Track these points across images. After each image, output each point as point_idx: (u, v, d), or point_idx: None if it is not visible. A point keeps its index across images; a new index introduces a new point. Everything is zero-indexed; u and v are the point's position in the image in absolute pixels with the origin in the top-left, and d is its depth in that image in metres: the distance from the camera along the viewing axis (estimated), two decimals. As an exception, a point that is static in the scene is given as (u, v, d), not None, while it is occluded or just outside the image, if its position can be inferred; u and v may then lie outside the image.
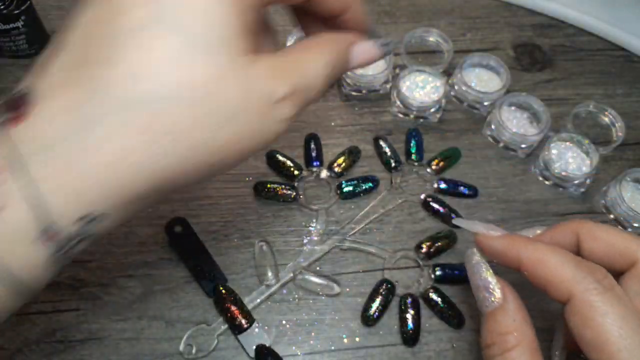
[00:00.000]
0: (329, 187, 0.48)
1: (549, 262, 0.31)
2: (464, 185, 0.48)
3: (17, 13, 0.49)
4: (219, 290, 0.41)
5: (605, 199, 0.48)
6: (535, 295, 0.34)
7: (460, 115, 0.52)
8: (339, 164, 0.48)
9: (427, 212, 0.47)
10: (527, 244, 0.33)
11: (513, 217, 0.47)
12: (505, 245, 0.33)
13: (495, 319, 0.32)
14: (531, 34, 0.59)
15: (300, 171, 0.48)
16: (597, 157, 0.48)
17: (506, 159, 0.50)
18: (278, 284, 0.43)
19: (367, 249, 0.45)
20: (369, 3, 0.60)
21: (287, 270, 0.43)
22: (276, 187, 0.46)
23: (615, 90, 0.55)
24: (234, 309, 0.40)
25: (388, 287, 0.42)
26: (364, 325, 0.42)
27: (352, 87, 0.52)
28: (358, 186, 0.47)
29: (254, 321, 0.41)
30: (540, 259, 0.31)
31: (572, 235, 0.34)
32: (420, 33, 0.56)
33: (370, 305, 0.42)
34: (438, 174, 0.49)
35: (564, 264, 0.30)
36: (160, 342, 0.40)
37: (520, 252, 0.32)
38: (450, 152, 0.50)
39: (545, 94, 0.54)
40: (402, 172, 0.49)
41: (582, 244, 0.34)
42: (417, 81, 0.52)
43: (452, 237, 0.45)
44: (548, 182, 0.49)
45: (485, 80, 0.53)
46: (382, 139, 0.50)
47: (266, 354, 0.39)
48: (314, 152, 0.48)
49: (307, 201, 0.47)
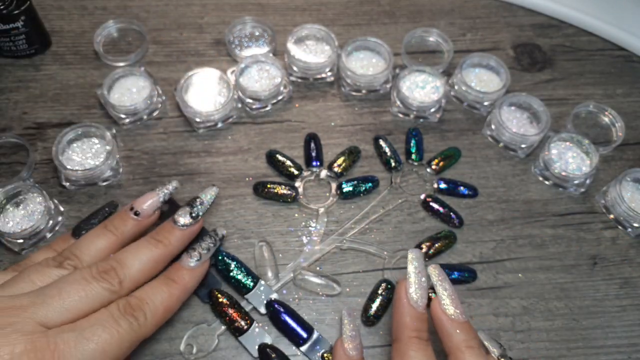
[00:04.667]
0: (329, 187, 0.48)
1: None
2: (463, 185, 0.48)
3: (17, 13, 0.49)
4: (214, 295, 0.41)
5: (605, 198, 0.48)
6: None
7: (460, 115, 0.52)
8: (339, 164, 0.48)
9: (427, 212, 0.47)
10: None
11: (513, 217, 0.47)
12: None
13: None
14: (531, 34, 0.59)
15: (300, 171, 0.48)
16: (597, 157, 0.48)
17: (506, 159, 0.50)
18: (278, 284, 0.43)
19: (367, 249, 0.45)
20: (369, 3, 0.60)
21: (287, 271, 0.43)
22: (276, 187, 0.46)
23: (615, 90, 0.55)
24: (231, 312, 0.40)
25: (388, 287, 0.42)
26: (364, 325, 0.42)
27: (351, 87, 0.52)
28: (358, 186, 0.47)
29: (253, 321, 0.41)
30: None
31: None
32: (420, 33, 0.56)
33: (370, 306, 0.42)
34: (438, 173, 0.49)
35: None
36: (161, 342, 0.40)
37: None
38: (451, 151, 0.50)
39: (545, 94, 0.54)
40: (402, 172, 0.49)
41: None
42: (417, 81, 0.52)
43: (451, 237, 0.45)
44: (548, 182, 0.49)
45: (485, 81, 0.53)
46: (382, 138, 0.50)
47: (270, 352, 0.39)
48: (314, 152, 0.48)
49: (307, 201, 0.47)
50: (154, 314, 0.35)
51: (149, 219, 0.40)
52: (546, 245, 0.46)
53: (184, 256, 0.39)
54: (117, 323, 0.33)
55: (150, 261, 0.37)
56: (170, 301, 0.37)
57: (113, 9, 0.57)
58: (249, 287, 0.41)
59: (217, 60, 0.54)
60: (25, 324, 0.31)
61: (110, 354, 0.32)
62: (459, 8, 0.60)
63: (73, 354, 0.31)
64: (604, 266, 0.45)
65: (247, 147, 0.49)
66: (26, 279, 0.35)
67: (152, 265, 0.37)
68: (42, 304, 0.32)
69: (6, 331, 0.30)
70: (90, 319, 0.33)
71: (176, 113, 0.51)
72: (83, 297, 0.33)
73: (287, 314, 0.41)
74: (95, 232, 0.39)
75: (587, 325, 0.43)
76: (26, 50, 0.53)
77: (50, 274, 0.35)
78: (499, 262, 0.45)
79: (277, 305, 0.41)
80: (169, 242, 0.38)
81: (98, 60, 0.54)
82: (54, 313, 0.32)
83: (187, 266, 0.38)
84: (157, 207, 0.40)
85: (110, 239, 0.38)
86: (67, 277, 0.34)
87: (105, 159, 0.45)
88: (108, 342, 0.32)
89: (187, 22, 0.57)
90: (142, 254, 0.37)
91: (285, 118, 0.51)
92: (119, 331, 0.33)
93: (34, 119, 0.50)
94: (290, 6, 0.59)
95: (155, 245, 0.37)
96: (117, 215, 0.39)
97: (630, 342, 0.42)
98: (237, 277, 0.41)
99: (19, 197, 0.44)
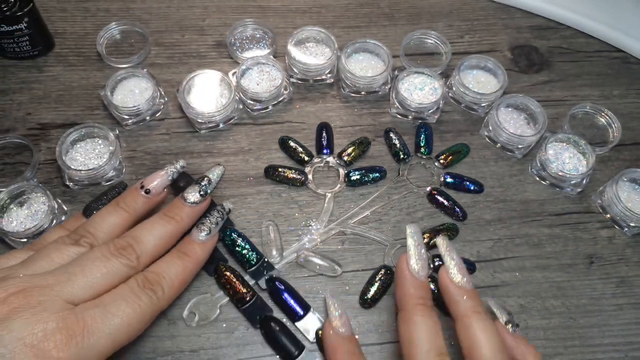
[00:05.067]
0: (338, 174, 0.49)
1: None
2: (469, 181, 0.49)
3: (21, 15, 0.50)
4: (219, 269, 0.43)
5: (601, 198, 0.48)
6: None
7: (458, 116, 0.53)
8: (348, 153, 0.49)
9: (432, 204, 0.48)
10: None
11: (510, 217, 0.48)
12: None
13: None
14: (528, 35, 0.59)
15: (311, 157, 0.49)
16: (593, 157, 0.48)
17: (503, 159, 0.51)
18: (282, 262, 0.44)
19: (369, 236, 0.46)
20: (369, 6, 0.60)
21: (291, 251, 0.45)
22: (286, 170, 0.48)
23: (612, 91, 0.56)
24: (234, 282, 0.42)
25: (387, 272, 0.43)
26: (361, 308, 0.43)
27: (351, 88, 0.53)
28: (365, 175, 0.48)
29: (256, 294, 0.42)
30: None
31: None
32: (418, 35, 0.57)
33: (368, 289, 0.43)
34: (445, 168, 0.50)
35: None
36: (163, 340, 0.41)
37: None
38: (459, 147, 0.50)
39: (542, 95, 0.55)
40: (410, 164, 0.50)
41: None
42: (415, 83, 0.52)
43: (453, 229, 0.46)
44: (545, 182, 0.49)
45: (483, 82, 0.53)
46: (393, 131, 0.51)
47: (272, 324, 0.41)
48: (325, 140, 0.50)
49: (315, 186, 0.48)
50: (170, 287, 0.37)
51: (159, 197, 0.41)
52: (543, 244, 0.46)
53: (195, 231, 0.40)
54: (138, 297, 0.35)
55: (164, 237, 0.38)
56: (184, 274, 0.38)
57: (116, 11, 0.58)
58: (252, 262, 0.43)
59: (218, 62, 0.55)
60: (54, 302, 0.32)
61: (134, 327, 0.34)
62: (457, 10, 0.61)
63: (101, 328, 0.32)
64: (600, 265, 0.46)
65: (248, 147, 0.50)
66: (45, 257, 0.36)
67: (166, 241, 0.39)
68: (67, 281, 0.33)
69: (36, 309, 0.31)
70: (114, 295, 0.34)
71: (178, 114, 0.51)
72: (105, 273, 0.35)
73: (286, 291, 0.42)
74: (107, 210, 0.40)
75: (584, 323, 0.43)
76: (29, 51, 0.53)
77: (68, 252, 0.36)
78: (496, 261, 0.45)
79: (278, 283, 0.42)
80: (180, 218, 0.39)
81: (101, 62, 0.54)
82: (79, 290, 0.33)
83: (198, 240, 0.40)
84: (166, 185, 0.41)
85: (123, 216, 0.39)
86: (87, 254, 0.35)
87: (109, 159, 0.46)
88: (131, 316, 0.34)
89: (188, 24, 0.58)
90: (157, 230, 0.38)
91: (286, 119, 0.52)
92: (141, 305, 0.34)
93: (37, 120, 0.50)
94: (290, 8, 0.60)
95: (168, 222, 0.39)
96: (127, 193, 0.41)
97: (627, 341, 0.43)
98: (242, 252, 0.43)
99: (23, 197, 0.44)
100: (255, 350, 0.41)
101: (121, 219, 0.39)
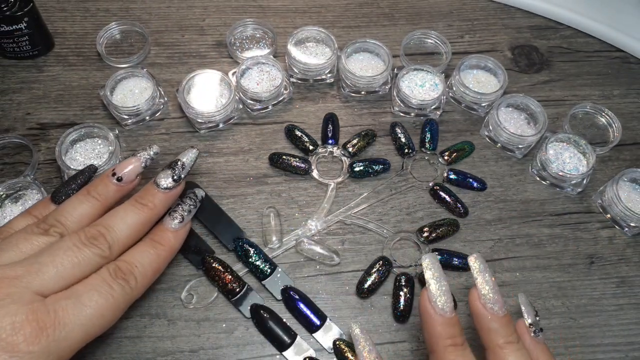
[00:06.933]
0: (341, 164, 0.49)
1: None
2: (473, 178, 0.49)
3: (20, 15, 0.50)
4: (207, 262, 0.42)
5: (602, 198, 0.48)
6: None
7: (458, 116, 0.53)
8: (353, 144, 0.49)
9: (434, 199, 0.48)
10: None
11: (510, 217, 0.48)
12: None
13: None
14: (529, 35, 0.59)
15: (315, 147, 0.49)
16: (593, 157, 0.48)
17: (504, 159, 0.51)
18: (282, 249, 0.44)
19: (369, 227, 0.46)
20: (369, 6, 0.60)
21: (291, 238, 0.45)
22: (290, 159, 0.48)
23: (612, 91, 0.56)
24: (224, 276, 0.42)
25: (385, 264, 0.43)
26: (358, 298, 0.43)
27: (351, 88, 0.53)
28: (369, 167, 0.48)
29: (245, 284, 0.42)
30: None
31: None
32: (418, 35, 0.57)
33: (365, 279, 0.43)
34: (449, 164, 0.50)
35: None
36: (162, 340, 0.41)
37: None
38: (464, 144, 0.50)
39: (543, 95, 0.55)
40: (414, 158, 0.50)
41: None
42: (416, 79, 0.52)
43: (454, 225, 0.46)
44: (545, 182, 0.49)
45: (483, 82, 0.53)
46: (399, 125, 0.51)
47: (262, 312, 0.41)
48: (330, 131, 0.50)
49: (319, 175, 0.48)
50: (143, 276, 0.36)
51: (131, 184, 0.40)
52: (543, 244, 0.46)
53: (167, 219, 0.39)
54: (110, 287, 0.34)
55: (136, 225, 0.37)
56: (157, 263, 0.38)
57: (115, 11, 0.58)
58: (266, 273, 0.43)
59: (218, 61, 0.55)
60: (23, 294, 0.31)
61: (107, 318, 0.33)
62: (457, 10, 0.61)
63: (73, 320, 0.32)
64: (600, 265, 0.46)
65: (248, 147, 0.50)
66: (14, 248, 0.34)
67: (138, 229, 0.38)
68: (37, 272, 0.32)
69: (5, 302, 0.30)
70: (85, 285, 0.33)
71: (178, 114, 0.51)
72: (76, 263, 0.34)
73: (302, 302, 0.42)
74: (78, 198, 0.38)
75: (585, 323, 0.43)
76: (29, 51, 0.53)
77: (37, 242, 0.35)
78: (496, 261, 0.45)
79: (293, 293, 0.42)
80: (153, 205, 0.38)
81: (101, 62, 0.54)
82: (49, 281, 0.32)
83: (171, 228, 0.39)
84: (139, 172, 0.40)
85: (94, 205, 0.38)
86: (58, 244, 0.34)
87: (108, 159, 0.46)
88: (104, 306, 0.33)
89: (188, 24, 0.58)
90: (129, 218, 0.37)
91: (286, 119, 0.52)
92: (113, 295, 0.34)
93: (37, 120, 0.50)
94: (290, 8, 0.60)
95: (140, 209, 0.38)
96: (99, 180, 0.39)
97: (627, 341, 0.43)
98: (255, 263, 0.43)
99: (18, 193, 0.44)
100: (255, 350, 0.41)
101: (92, 208, 0.38)
